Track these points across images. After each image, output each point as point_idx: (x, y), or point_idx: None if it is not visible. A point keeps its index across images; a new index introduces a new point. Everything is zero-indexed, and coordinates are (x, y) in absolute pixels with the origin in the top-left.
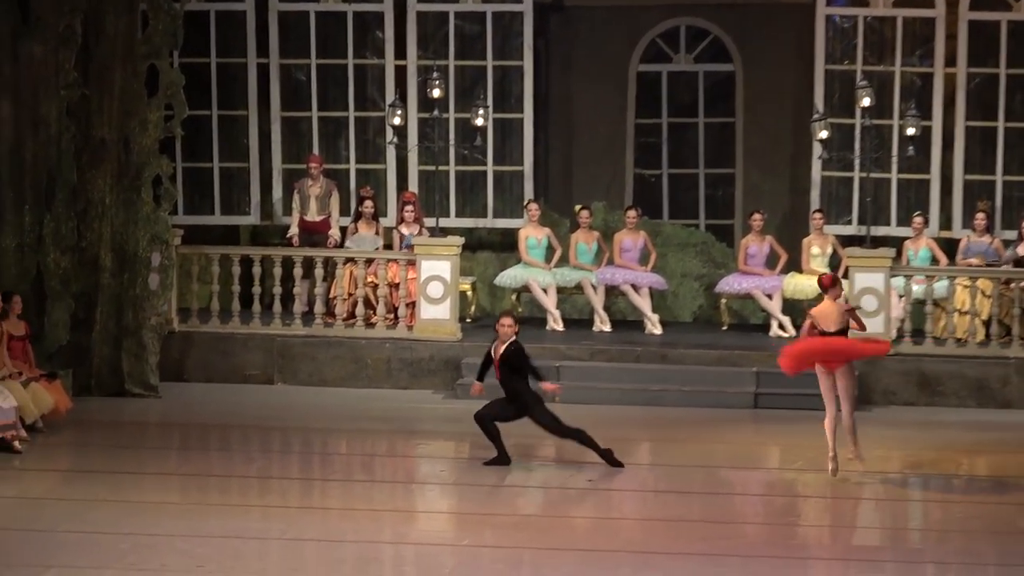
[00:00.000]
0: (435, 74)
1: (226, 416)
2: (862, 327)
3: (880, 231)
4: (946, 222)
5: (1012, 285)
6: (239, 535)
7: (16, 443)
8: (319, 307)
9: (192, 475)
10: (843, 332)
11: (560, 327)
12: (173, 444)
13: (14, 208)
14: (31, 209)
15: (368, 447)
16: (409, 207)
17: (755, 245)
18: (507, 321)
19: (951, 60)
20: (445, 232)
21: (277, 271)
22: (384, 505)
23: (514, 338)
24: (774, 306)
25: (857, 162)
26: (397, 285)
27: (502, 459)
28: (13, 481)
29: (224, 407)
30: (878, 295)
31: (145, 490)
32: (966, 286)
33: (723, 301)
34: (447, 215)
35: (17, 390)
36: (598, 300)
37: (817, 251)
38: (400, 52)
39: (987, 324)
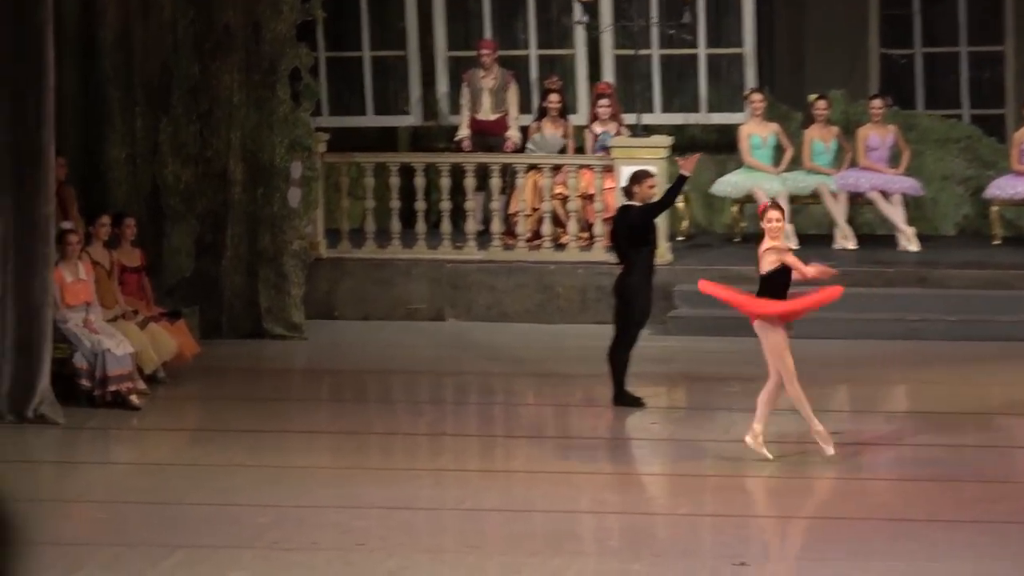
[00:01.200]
0: None
1: (386, 360)
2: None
3: None
4: None
5: None
6: (406, 505)
7: (133, 397)
8: (497, 225)
9: (346, 433)
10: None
11: (851, 245)
12: (322, 395)
13: (123, 111)
14: (143, 112)
15: (560, 396)
16: (604, 101)
17: None
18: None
19: None
20: (649, 131)
21: (444, 183)
22: (580, 467)
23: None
24: None
25: None
26: (591, 196)
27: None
28: (131, 443)
29: (383, 349)
30: None
31: (289, 452)
32: None
33: (994, 209)
34: (650, 110)
35: (133, 333)
36: (839, 210)
37: None
38: None
39: None
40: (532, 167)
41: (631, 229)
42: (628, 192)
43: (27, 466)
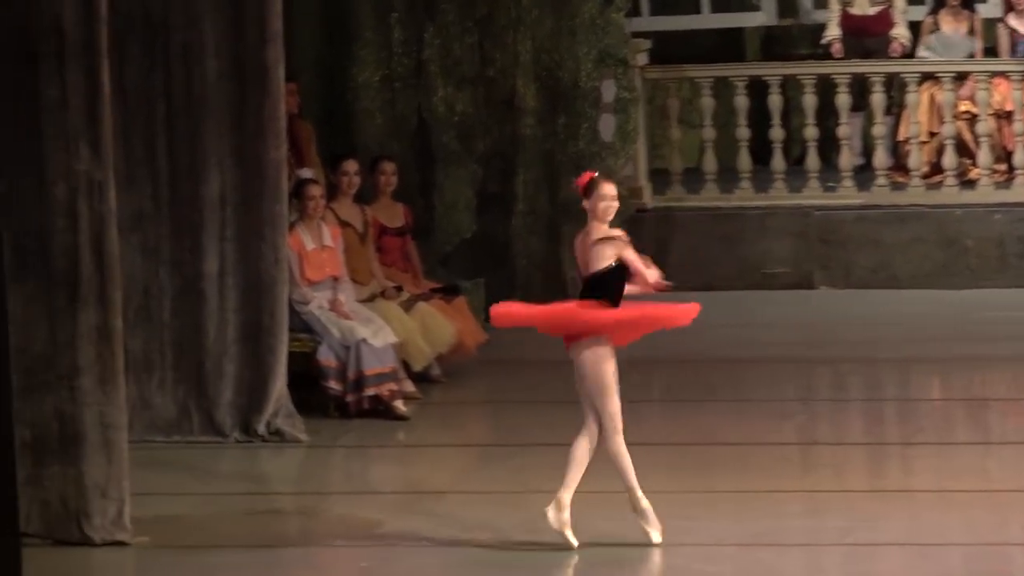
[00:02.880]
0: None
1: (735, 343)
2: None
3: None
4: None
5: None
6: (769, 540)
7: (399, 403)
8: (881, 158)
9: (685, 445)
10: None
11: None
12: (648, 394)
13: (375, 19)
14: (403, 21)
15: (976, 388)
16: None
17: None
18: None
19: None
20: None
21: (808, 101)
22: (1007, 482)
23: None
24: None
25: None
26: (1009, 115)
27: None
28: (397, 465)
29: (731, 330)
30: None
31: (610, 473)
32: None
33: None
34: None
35: (397, 317)
36: None
37: None
38: None
39: None
40: (927, 77)
41: None
42: None
43: (259, 500)
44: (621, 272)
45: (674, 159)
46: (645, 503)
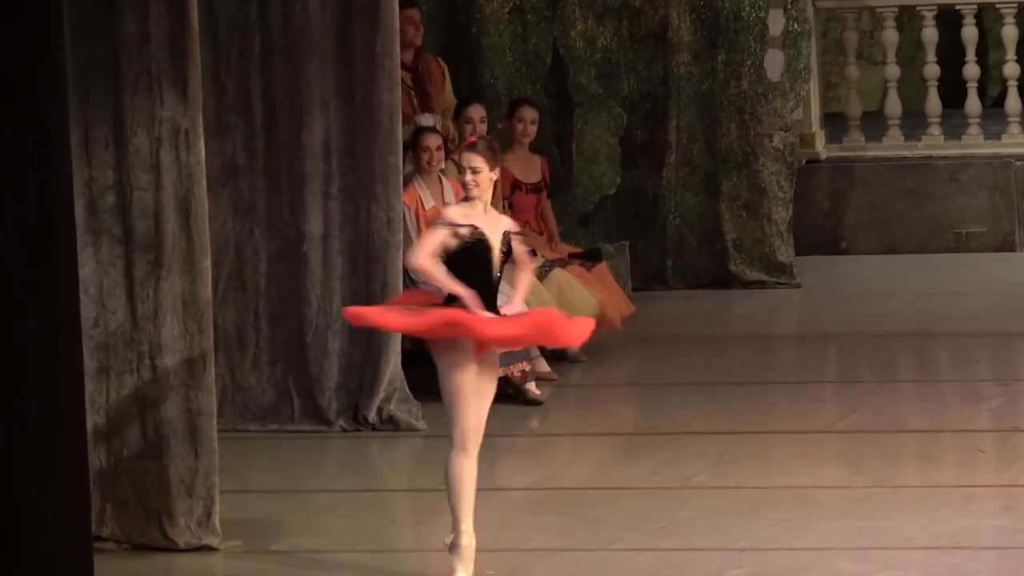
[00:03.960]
0: None
1: (934, 316)
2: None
3: None
4: None
5: None
6: (958, 543)
7: (532, 386)
8: None
9: (860, 432)
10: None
11: None
12: (825, 372)
13: None
14: None
15: None
16: None
17: None
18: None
19: None
20: None
21: (1008, 33)
22: None
23: None
24: None
25: None
26: None
27: None
28: (528, 456)
29: (916, 301)
30: None
31: (782, 462)
32: None
33: None
34: None
35: (538, 289)
36: None
37: None
38: None
39: None
40: None
41: None
42: None
43: (368, 498)
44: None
45: (851, 102)
46: (468, 541)
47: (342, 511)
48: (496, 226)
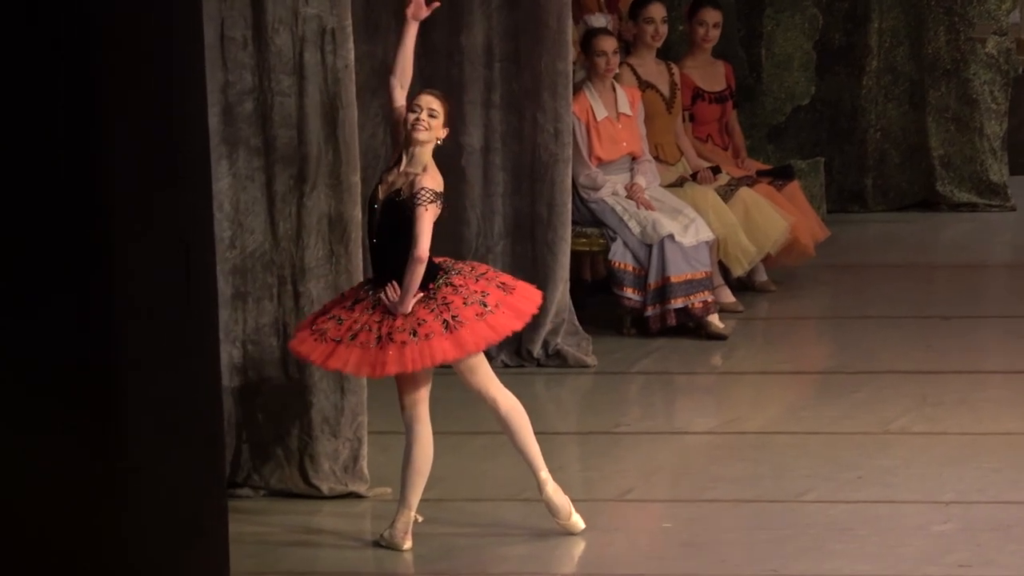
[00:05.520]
0: None
1: None
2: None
3: None
4: None
5: None
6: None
7: (715, 318)
8: None
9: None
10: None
11: None
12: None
13: None
14: None
15: None
16: None
17: None
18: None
19: None
20: None
21: None
22: None
23: None
24: None
25: None
26: None
27: None
28: (710, 396)
29: None
30: None
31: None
32: None
33: None
34: None
35: (714, 208)
36: None
37: None
38: None
39: None
40: None
41: None
42: None
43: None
44: None
45: None
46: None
47: (502, 457)
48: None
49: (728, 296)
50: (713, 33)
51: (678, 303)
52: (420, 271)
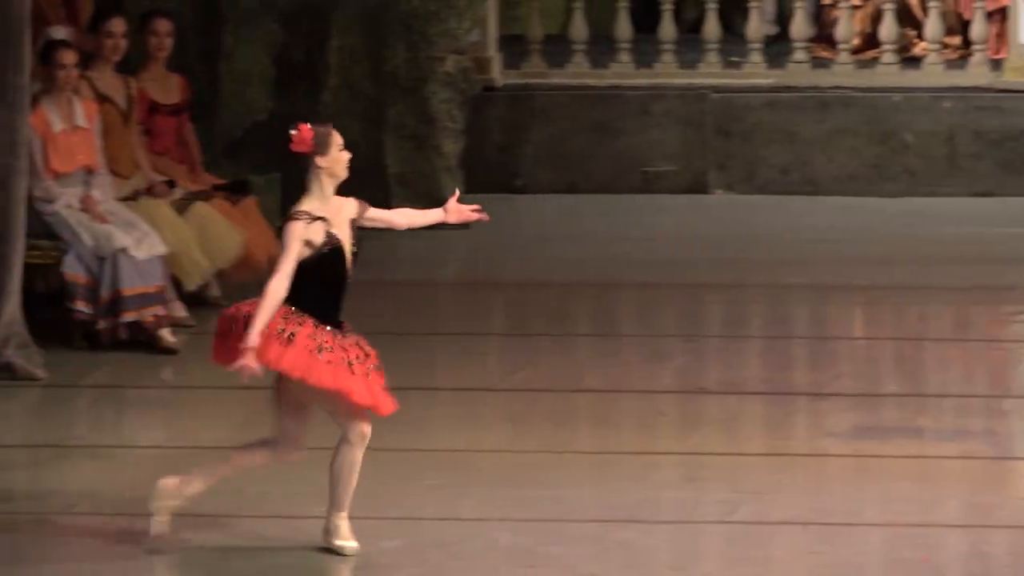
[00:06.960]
0: None
1: (604, 265)
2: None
3: None
4: None
5: None
6: (631, 516)
7: (166, 332)
8: (800, 27)
9: (532, 391)
10: None
11: None
12: (492, 326)
13: None
14: None
15: (911, 324)
16: None
17: None
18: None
19: None
20: None
21: None
22: (951, 448)
23: None
24: None
25: None
26: None
27: None
28: (162, 413)
29: (600, 246)
30: None
31: (438, 424)
32: None
33: None
34: None
35: (167, 221)
36: None
37: None
38: None
39: None
40: None
41: None
42: None
43: None
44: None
45: (533, 23)
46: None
47: None
48: (343, 219)
49: (180, 310)
50: (167, 42)
51: (130, 316)
52: None
